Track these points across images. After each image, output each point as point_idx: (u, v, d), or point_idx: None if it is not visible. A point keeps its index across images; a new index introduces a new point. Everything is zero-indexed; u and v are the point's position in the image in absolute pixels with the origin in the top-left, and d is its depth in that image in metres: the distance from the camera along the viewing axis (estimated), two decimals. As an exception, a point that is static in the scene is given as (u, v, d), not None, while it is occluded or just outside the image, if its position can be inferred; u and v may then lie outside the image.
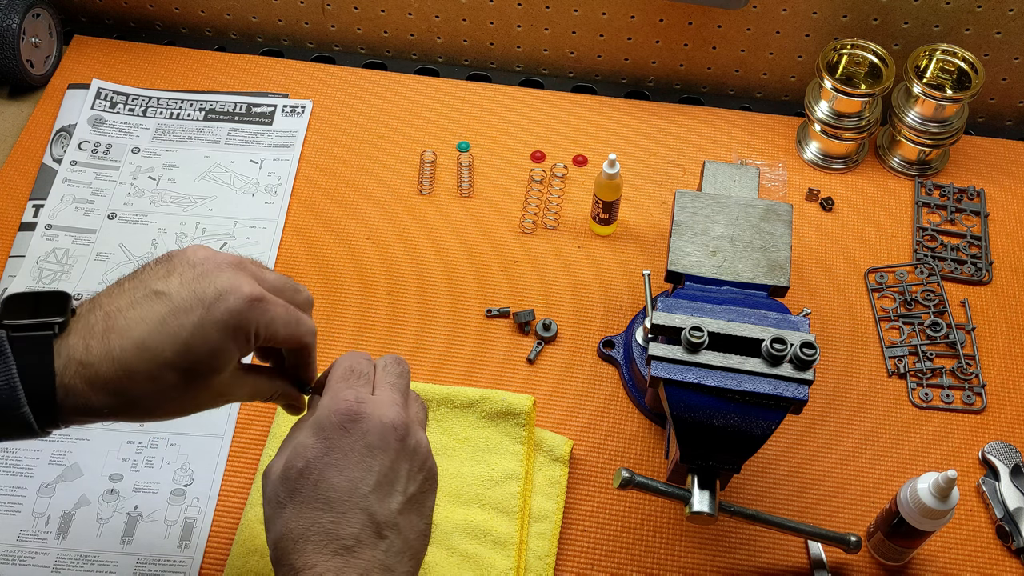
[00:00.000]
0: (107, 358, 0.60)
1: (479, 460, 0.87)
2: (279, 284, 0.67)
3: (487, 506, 0.85)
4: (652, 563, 0.86)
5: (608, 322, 1.00)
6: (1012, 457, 0.91)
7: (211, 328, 0.61)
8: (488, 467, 0.86)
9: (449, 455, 0.87)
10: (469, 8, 1.19)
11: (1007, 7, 1.09)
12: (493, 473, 0.86)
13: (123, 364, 0.60)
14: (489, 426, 0.89)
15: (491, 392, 0.90)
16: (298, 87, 1.19)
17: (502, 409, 0.89)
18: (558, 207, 1.09)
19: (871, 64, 1.08)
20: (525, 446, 0.88)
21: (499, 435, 0.88)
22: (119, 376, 0.60)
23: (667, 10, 1.15)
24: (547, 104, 1.18)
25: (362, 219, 1.08)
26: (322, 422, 0.64)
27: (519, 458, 0.87)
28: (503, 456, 0.87)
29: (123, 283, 0.64)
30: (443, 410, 0.90)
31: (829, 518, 0.89)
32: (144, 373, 0.60)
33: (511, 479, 0.86)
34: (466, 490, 0.86)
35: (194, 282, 0.62)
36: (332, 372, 0.68)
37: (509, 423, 0.88)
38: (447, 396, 0.90)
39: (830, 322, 1.01)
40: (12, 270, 1.02)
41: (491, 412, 0.89)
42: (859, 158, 1.13)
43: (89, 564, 0.84)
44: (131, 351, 0.60)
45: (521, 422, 0.88)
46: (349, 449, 0.63)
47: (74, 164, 1.11)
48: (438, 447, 0.88)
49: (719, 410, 0.75)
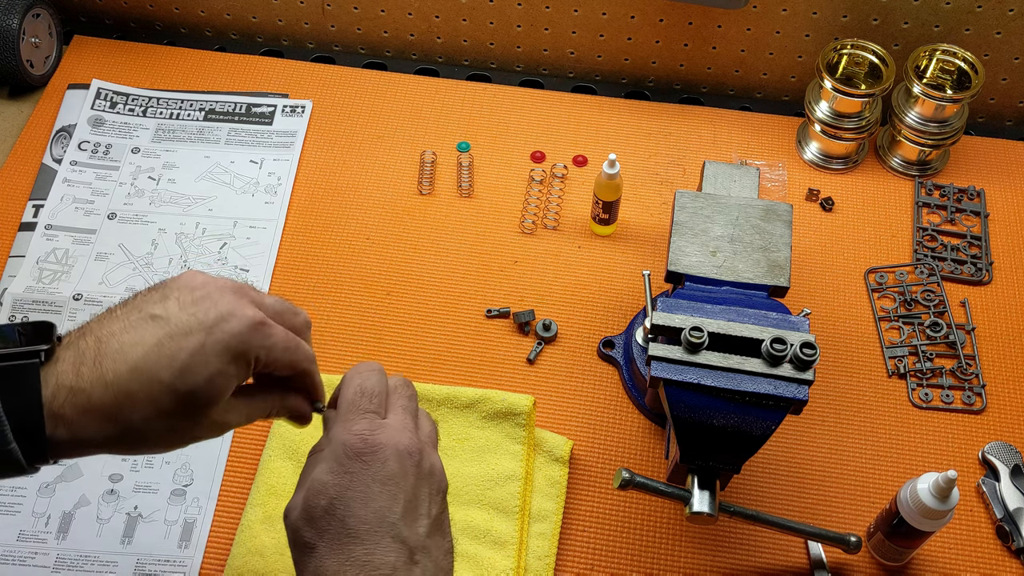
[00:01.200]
0: (100, 383, 0.58)
1: (479, 460, 0.87)
2: (278, 308, 0.66)
3: (487, 506, 0.85)
4: (652, 563, 0.86)
5: (608, 322, 1.00)
6: (1012, 457, 0.91)
7: (212, 352, 0.59)
8: (488, 467, 0.87)
9: (449, 456, 0.87)
10: (469, 8, 1.19)
11: (1007, 7, 1.09)
12: (493, 473, 0.86)
13: (118, 388, 0.58)
14: (489, 426, 0.89)
15: (491, 392, 0.90)
16: (298, 87, 1.19)
17: (502, 409, 0.89)
18: (558, 207, 1.09)
19: (871, 64, 1.08)
20: (525, 446, 0.88)
21: (499, 435, 0.88)
22: (113, 401, 0.58)
23: (667, 10, 1.15)
24: (547, 104, 1.18)
25: (362, 219, 1.08)
26: (339, 456, 0.63)
27: (519, 458, 0.87)
28: (503, 456, 0.87)
29: (114, 310, 0.62)
30: (443, 410, 0.90)
31: (829, 518, 0.89)
32: (140, 397, 0.58)
33: (511, 479, 0.86)
34: (466, 490, 0.86)
35: (193, 305, 0.60)
36: (343, 393, 0.67)
37: (509, 423, 0.88)
38: (447, 396, 0.90)
39: (830, 322, 1.01)
40: (12, 270, 1.02)
41: (491, 412, 0.89)
42: (859, 158, 1.13)
43: (89, 564, 0.84)
44: (126, 375, 0.58)
45: (521, 422, 0.88)
46: (371, 480, 0.62)
47: (74, 164, 1.11)
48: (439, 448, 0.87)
49: (719, 410, 0.75)
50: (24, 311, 0.99)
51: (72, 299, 0.99)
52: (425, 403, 0.89)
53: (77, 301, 0.99)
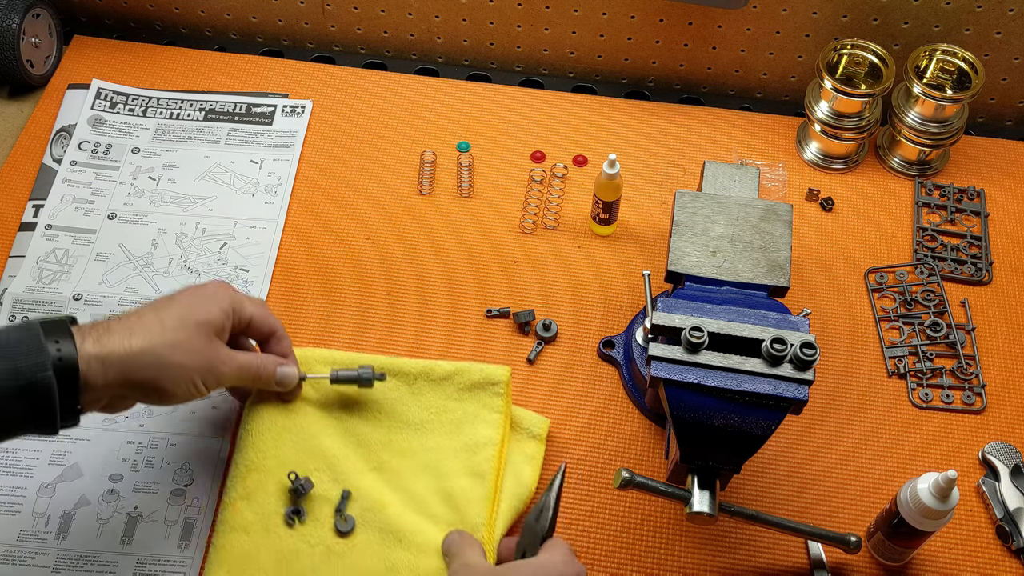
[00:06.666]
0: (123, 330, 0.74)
1: (457, 432, 0.88)
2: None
3: (465, 474, 0.86)
4: (652, 563, 0.86)
5: (608, 322, 1.00)
6: (1012, 457, 0.91)
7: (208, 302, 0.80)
8: (465, 437, 0.88)
9: (427, 430, 0.88)
10: (469, 8, 1.19)
11: (1007, 7, 1.09)
12: (470, 442, 0.87)
13: (141, 327, 0.75)
14: (466, 398, 0.89)
15: (467, 364, 0.90)
16: (298, 87, 1.19)
17: (479, 380, 0.89)
18: (558, 207, 1.09)
19: (871, 64, 1.08)
20: (501, 415, 0.88)
21: (476, 406, 0.89)
22: (143, 334, 0.74)
23: (667, 10, 1.15)
24: (547, 104, 1.18)
25: (362, 219, 1.08)
26: None
27: (495, 426, 0.88)
28: (480, 425, 0.88)
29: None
30: (420, 384, 0.90)
31: (829, 518, 0.89)
32: (166, 326, 0.76)
33: (487, 445, 0.87)
34: (445, 461, 0.87)
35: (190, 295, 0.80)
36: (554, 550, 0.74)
37: (486, 393, 0.89)
38: (423, 370, 0.90)
39: (830, 322, 1.01)
40: (12, 270, 1.02)
41: (468, 384, 0.90)
42: (859, 158, 1.13)
43: (89, 564, 0.84)
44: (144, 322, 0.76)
45: (499, 392, 0.89)
46: None
47: (74, 164, 1.11)
48: (417, 422, 0.89)
49: (719, 410, 0.75)
50: (24, 311, 0.99)
51: (72, 299, 0.99)
52: (401, 377, 0.90)
53: (77, 301, 0.99)
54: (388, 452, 0.87)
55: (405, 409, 0.89)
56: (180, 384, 0.76)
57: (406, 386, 0.89)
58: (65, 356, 0.70)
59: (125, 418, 0.92)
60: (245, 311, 0.82)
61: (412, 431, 0.88)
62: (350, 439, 0.87)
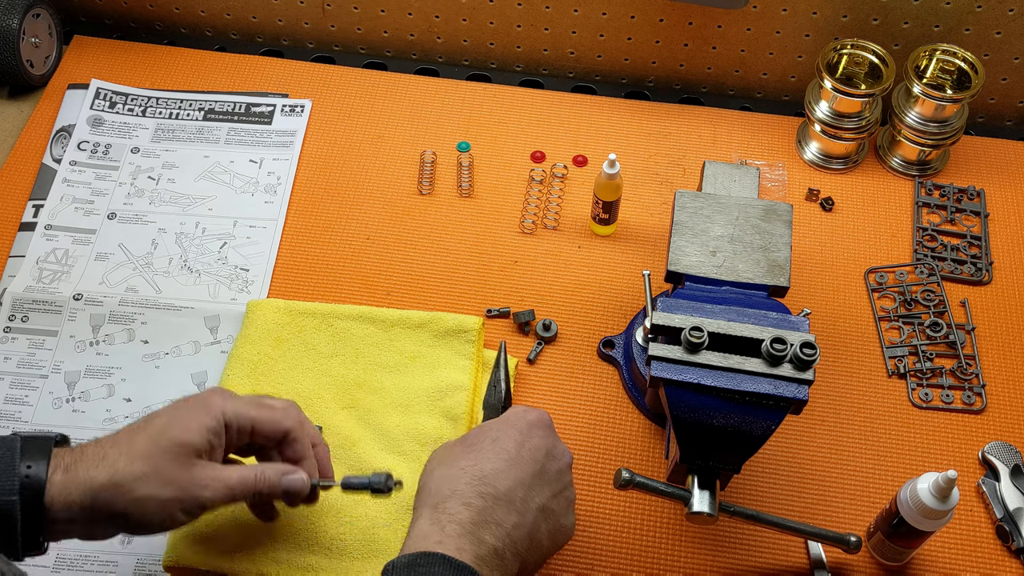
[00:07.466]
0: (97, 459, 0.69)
1: (430, 375, 0.91)
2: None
3: (436, 414, 0.89)
4: (652, 563, 0.86)
5: (608, 322, 1.00)
6: (1012, 457, 0.91)
7: (192, 417, 0.72)
8: (438, 380, 0.91)
9: (401, 371, 0.92)
10: (469, 8, 1.19)
11: (1007, 7, 1.09)
12: (443, 385, 0.91)
13: (116, 455, 0.69)
14: (440, 344, 0.93)
15: (441, 313, 0.94)
16: (298, 87, 1.19)
17: (452, 327, 0.93)
18: (558, 207, 1.09)
19: (871, 64, 1.08)
20: (473, 361, 0.92)
21: (448, 352, 0.93)
22: (113, 465, 0.69)
23: (667, 10, 1.15)
24: (547, 104, 1.18)
25: (362, 219, 1.08)
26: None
27: (467, 372, 0.91)
28: (452, 370, 0.92)
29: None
30: (396, 331, 0.94)
31: (829, 518, 0.89)
32: (138, 453, 0.69)
33: (459, 389, 0.90)
34: (417, 401, 0.90)
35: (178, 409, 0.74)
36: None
37: (459, 340, 0.93)
38: (400, 318, 0.95)
39: (830, 322, 1.01)
40: (12, 270, 1.02)
41: (442, 331, 0.93)
42: (859, 158, 1.13)
43: (89, 564, 0.84)
44: (118, 448, 0.70)
45: (471, 339, 0.93)
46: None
47: (74, 164, 1.11)
48: (391, 365, 0.92)
49: (719, 410, 0.75)
50: (24, 311, 0.98)
51: (72, 299, 0.99)
52: (379, 324, 0.94)
53: (77, 301, 0.99)
54: (362, 391, 0.91)
55: (380, 353, 0.93)
56: (154, 516, 0.69)
57: (383, 332, 0.94)
58: (32, 482, 0.66)
59: (125, 418, 0.92)
60: (243, 419, 0.74)
61: (386, 372, 0.92)
62: (324, 379, 0.91)
